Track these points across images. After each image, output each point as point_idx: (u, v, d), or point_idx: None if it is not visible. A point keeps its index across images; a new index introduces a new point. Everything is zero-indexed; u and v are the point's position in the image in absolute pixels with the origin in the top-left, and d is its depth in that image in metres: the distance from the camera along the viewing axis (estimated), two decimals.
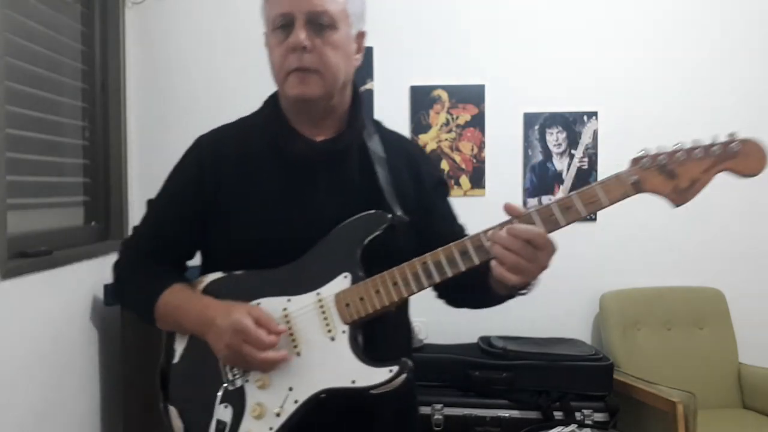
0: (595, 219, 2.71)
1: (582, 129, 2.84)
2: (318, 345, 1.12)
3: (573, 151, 2.84)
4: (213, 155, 1.23)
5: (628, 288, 2.77)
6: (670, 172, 1.05)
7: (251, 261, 1.17)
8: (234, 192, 1.20)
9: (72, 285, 2.29)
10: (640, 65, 2.82)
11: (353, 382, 1.09)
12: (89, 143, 2.60)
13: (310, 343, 1.13)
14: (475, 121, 2.85)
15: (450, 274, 1.10)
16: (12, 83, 2.01)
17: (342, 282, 1.13)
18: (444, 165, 2.84)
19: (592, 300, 2.80)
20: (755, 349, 2.72)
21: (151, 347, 2.32)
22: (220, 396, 1.14)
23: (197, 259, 1.29)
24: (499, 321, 2.57)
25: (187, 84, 2.85)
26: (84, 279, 2.36)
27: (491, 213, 1.31)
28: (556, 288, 1.19)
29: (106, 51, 2.67)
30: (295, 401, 1.11)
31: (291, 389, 1.12)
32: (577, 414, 2.32)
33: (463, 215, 1.36)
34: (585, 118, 2.84)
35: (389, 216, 1.15)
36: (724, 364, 2.68)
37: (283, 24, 1.15)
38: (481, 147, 2.85)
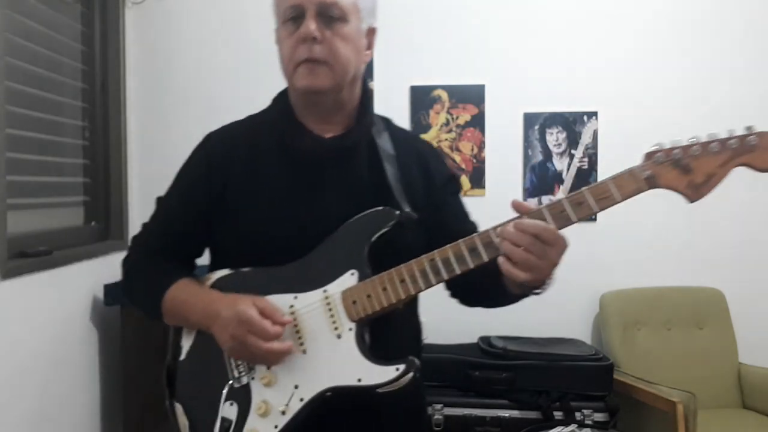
0: (595, 219, 2.71)
1: (582, 129, 2.84)
2: (324, 342, 1.11)
3: (573, 151, 2.84)
4: (221, 152, 1.23)
5: (628, 288, 2.77)
6: (684, 166, 1.01)
7: (259, 258, 1.17)
8: (242, 189, 1.19)
9: (72, 285, 2.29)
10: (640, 65, 2.82)
11: (359, 380, 1.08)
12: (89, 143, 2.60)
13: (316, 341, 1.12)
14: (475, 121, 2.85)
15: (458, 271, 1.08)
16: (12, 83, 2.01)
17: (349, 279, 1.12)
18: None
19: (592, 300, 2.80)
20: (755, 349, 2.72)
21: (151, 347, 2.34)
22: (225, 393, 1.14)
23: (206, 259, 1.29)
24: (499, 321, 2.57)
25: (187, 84, 2.85)
26: (84, 279, 2.36)
27: (491, 213, 1.31)
28: (556, 288, 1.17)
29: (106, 51, 2.67)
30: (301, 399, 1.10)
31: (297, 387, 1.11)
32: (577, 414, 2.31)
33: None
34: (585, 118, 2.84)
35: (397, 213, 1.13)
36: (724, 364, 2.68)
37: (294, 16, 1.15)
38: (481, 147, 2.85)
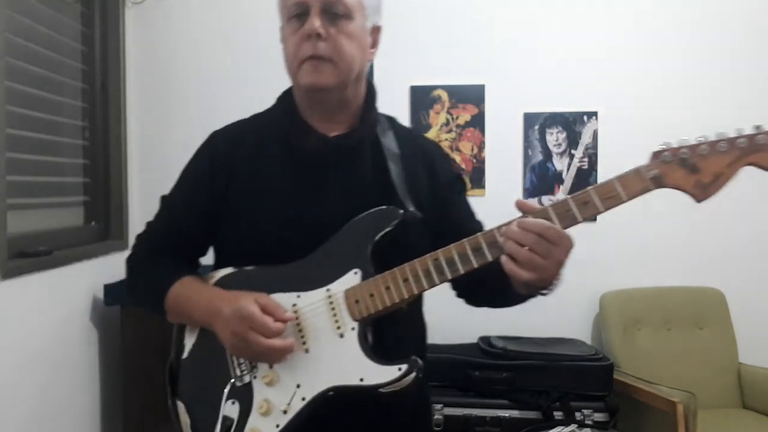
0: (595, 219, 2.69)
1: (582, 129, 2.84)
2: (327, 342, 1.11)
3: (573, 151, 2.84)
4: (225, 151, 1.23)
5: (628, 288, 2.77)
6: (692, 166, 1.00)
7: (262, 257, 1.17)
8: (245, 188, 1.19)
9: (72, 285, 2.29)
10: (640, 65, 2.82)
11: (361, 380, 1.07)
12: (89, 143, 2.60)
13: (318, 340, 1.11)
14: (475, 121, 2.85)
15: (462, 270, 1.07)
16: (12, 83, 2.01)
17: (352, 278, 1.12)
18: None
19: (592, 300, 2.80)
20: (755, 349, 2.72)
21: (151, 347, 2.34)
22: (227, 392, 1.13)
23: (209, 258, 1.29)
24: (499, 321, 2.57)
25: (187, 84, 2.85)
26: (84, 279, 2.36)
27: (491, 213, 1.31)
28: None
29: (106, 51, 2.67)
30: (303, 398, 1.09)
31: (299, 386, 1.10)
32: (577, 414, 2.31)
33: None
34: (585, 118, 2.84)
35: (401, 212, 1.13)
36: (724, 364, 2.68)
37: (298, 13, 1.15)
38: (481, 147, 2.85)
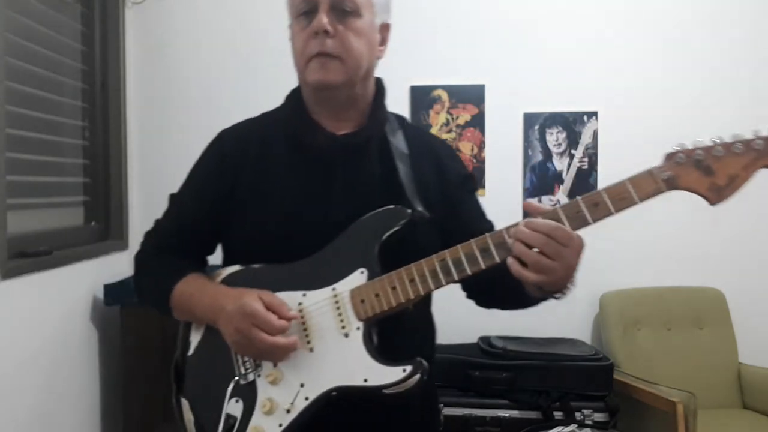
0: None
1: (582, 129, 2.84)
2: (331, 341, 1.10)
3: (573, 151, 2.84)
4: (233, 149, 1.23)
5: (628, 288, 2.77)
6: (706, 168, 0.98)
7: (269, 255, 1.16)
8: (253, 186, 1.19)
9: (72, 285, 2.29)
10: (640, 65, 2.82)
11: (365, 380, 1.06)
12: (89, 143, 2.60)
13: (323, 339, 1.10)
14: (475, 121, 2.85)
15: (469, 272, 1.06)
16: (12, 83, 2.01)
17: (358, 278, 1.11)
18: None
19: (592, 300, 2.80)
20: (755, 349, 2.72)
21: (151, 347, 2.35)
22: (230, 390, 1.13)
23: (217, 257, 1.29)
24: (499, 321, 2.56)
25: (187, 84, 2.85)
26: (84, 279, 2.36)
27: (491, 213, 1.31)
28: None
29: (106, 51, 2.67)
30: (306, 398, 1.09)
31: (302, 385, 1.09)
32: (577, 414, 2.31)
33: None
34: (585, 118, 2.84)
35: (409, 211, 1.12)
36: (724, 364, 2.68)
37: (306, 10, 1.14)
38: (481, 147, 2.85)
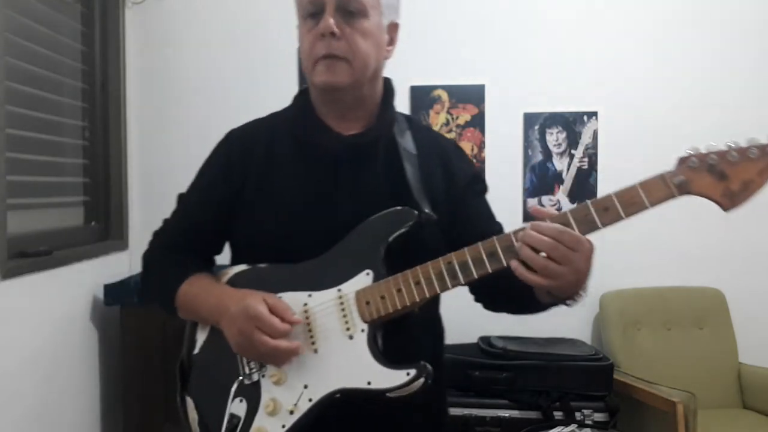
0: None
1: (582, 129, 2.84)
2: (336, 343, 1.09)
3: (573, 151, 2.84)
4: (241, 149, 1.23)
5: (628, 288, 2.77)
6: (720, 173, 0.96)
7: (275, 255, 1.16)
8: (260, 186, 1.19)
9: (72, 285, 2.29)
10: (640, 65, 2.82)
11: (369, 383, 1.05)
12: (89, 143, 2.60)
13: (328, 341, 1.10)
14: (475, 121, 2.84)
15: (476, 275, 1.04)
16: (12, 83, 2.01)
17: (364, 279, 1.10)
18: None
19: (592, 300, 2.79)
20: (755, 349, 2.72)
21: (151, 347, 2.35)
22: (234, 389, 1.13)
23: (225, 257, 1.30)
24: (499, 321, 2.53)
25: (187, 84, 2.85)
26: (84, 279, 2.36)
27: None
28: None
29: (106, 51, 2.67)
30: (310, 399, 1.08)
31: (306, 387, 1.09)
32: (577, 414, 2.31)
33: None
34: (585, 118, 2.84)
35: (416, 213, 1.11)
36: (724, 364, 2.68)
37: (314, 11, 1.14)
38: (481, 147, 2.85)
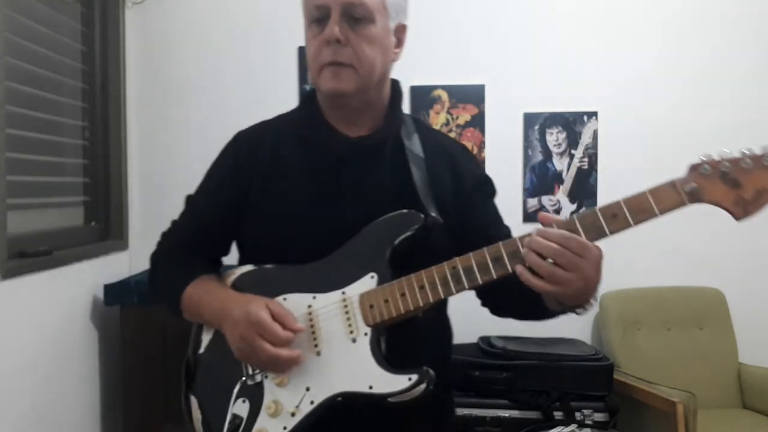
0: None
1: (582, 129, 2.84)
2: (339, 346, 1.09)
3: (573, 151, 2.84)
4: (248, 150, 1.23)
5: (628, 288, 2.76)
6: (733, 180, 0.94)
7: (281, 257, 1.16)
8: (267, 187, 1.20)
9: (72, 285, 2.29)
10: (640, 65, 2.82)
11: (370, 387, 1.05)
12: (89, 143, 2.60)
13: (331, 343, 1.09)
14: (475, 121, 2.84)
15: (480, 281, 1.04)
16: (12, 83, 2.01)
17: (368, 282, 1.10)
18: None
19: None
20: (755, 349, 2.72)
21: (151, 347, 2.35)
22: (237, 390, 1.13)
23: (233, 258, 1.30)
24: (499, 321, 2.53)
25: (187, 84, 2.85)
26: (84, 279, 2.37)
27: None
28: None
29: (106, 51, 2.67)
30: (311, 402, 1.08)
31: (308, 389, 1.09)
32: (577, 414, 2.31)
33: None
34: (585, 118, 2.83)
35: (422, 216, 1.10)
36: (724, 364, 2.68)
37: (319, 17, 1.14)
38: (481, 147, 2.85)
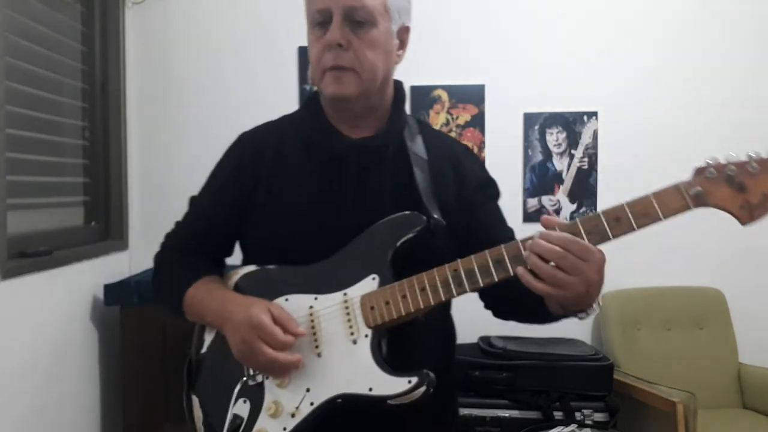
0: None
1: (582, 129, 2.84)
2: (339, 347, 1.09)
3: (573, 151, 2.84)
4: (252, 152, 1.24)
5: (628, 288, 2.76)
6: (739, 184, 0.94)
7: (284, 257, 1.16)
8: (270, 188, 1.20)
9: (72, 285, 2.29)
10: (640, 65, 2.82)
11: (370, 389, 1.05)
12: (89, 143, 2.60)
13: (331, 345, 1.09)
14: (475, 121, 2.84)
15: (482, 283, 1.03)
16: (12, 83, 2.01)
17: (370, 284, 1.10)
18: None
19: None
20: (755, 349, 2.72)
21: (151, 347, 2.35)
22: (238, 390, 1.13)
23: (236, 259, 1.30)
24: (499, 321, 2.55)
25: (187, 84, 2.85)
26: (84, 279, 2.36)
27: None
28: None
29: (106, 51, 2.67)
30: (311, 403, 1.08)
31: (308, 390, 1.08)
32: (577, 414, 2.31)
33: None
34: (585, 118, 2.83)
35: (424, 219, 1.10)
36: (724, 364, 2.68)
37: (321, 21, 1.14)
38: (481, 147, 2.84)
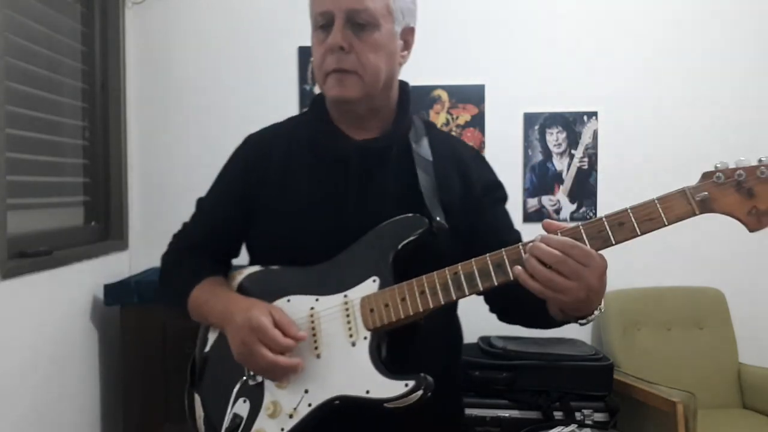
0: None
1: (582, 129, 2.84)
2: (338, 349, 1.09)
3: (573, 151, 2.84)
4: (258, 154, 1.24)
5: (628, 288, 2.76)
6: (748, 190, 0.92)
7: (287, 258, 1.17)
8: (275, 190, 1.20)
9: (72, 285, 2.29)
10: (640, 65, 2.82)
11: (367, 392, 1.05)
12: (89, 143, 2.60)
13: (331, 346, 1.10)
14: (475, 121, 2.84)
15: (481, 287, 1.03)
16: (12, 83, 2.01)
17: (370, 286, 1.10)
18: None
19: None
20: (755, 349, 2.72)
21: (151, 347, 2.35)
22: (237, 390, 1.13)
23: (243, 260, 1.31)
24: (499, 321, 2.56)
25: (187, 84, 2.85)
26: (84, 279, 2.36)
27: None
28: None
29: (106, 51, 2.67)
30: (309, 404, 1.08)
31: (307, 391, 1.09)
32: (577, 414, 2.31)
33: None
34: (585, 118, 2.83)
35: (426, 221, 1.10)
36: (724, 364, 2.68)
37: (324, 24, 1.14)
38: (481, 147, 2.84)
